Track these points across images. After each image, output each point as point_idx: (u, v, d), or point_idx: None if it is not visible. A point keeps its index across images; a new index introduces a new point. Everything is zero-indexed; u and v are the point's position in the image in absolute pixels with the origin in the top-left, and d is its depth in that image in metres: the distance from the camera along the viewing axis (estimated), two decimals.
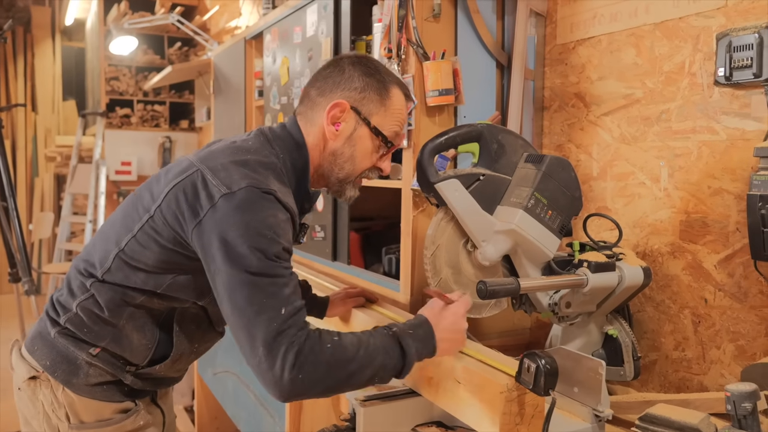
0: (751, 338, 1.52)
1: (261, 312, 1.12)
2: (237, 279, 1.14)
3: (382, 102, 1.37)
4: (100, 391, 1.35)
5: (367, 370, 1.17)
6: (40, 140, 7.72)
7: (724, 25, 1.55)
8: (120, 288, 1.31)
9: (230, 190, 1.18)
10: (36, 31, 7.75)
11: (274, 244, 1.16)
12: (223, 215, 1.17)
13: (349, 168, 1.40)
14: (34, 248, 7.23)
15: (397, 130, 1.41)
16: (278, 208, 1.20)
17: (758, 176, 1.40)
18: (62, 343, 1.34)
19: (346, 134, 1.37)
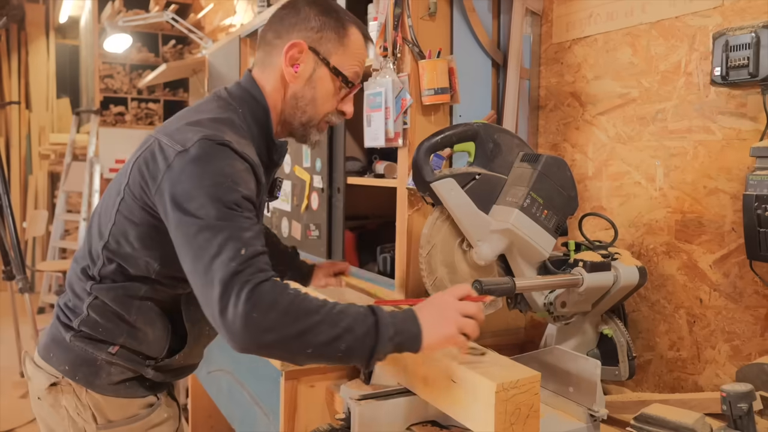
0: (746, 338, 1.52)
1: (219, 254, 1.07)
2: (195, 228, 1.10)
3: (340, 41, 1.33)
4: (124, 388, 1.34)
5: (331, 330, 1.06)
6: (34, 138, 7.69)
7: (720, 24, 1.55)
8: (119, 284, 1.30)
9: (184, 148, 1.16)
10: (30, 28, 7.72)
11: (231, 192, 1.13)
12: (178, 172, 1.15)
13: (312, 111, 1.36)
14: (28, 246, 7.20)
15: (357, 70, 1.37)
16: (234, 157, 1.17)
17: (754, 176, 1.40)
18: (79, 346, 1.32)
19: (305, 76, 1.33)
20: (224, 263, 1.06)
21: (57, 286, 6.14)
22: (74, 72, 7.80)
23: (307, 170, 2.44)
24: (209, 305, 1.07)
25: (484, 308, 1.59)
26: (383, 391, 1.48)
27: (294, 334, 1.05)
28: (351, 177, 2.24)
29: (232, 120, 1.27)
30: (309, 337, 1.05)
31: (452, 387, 1.29)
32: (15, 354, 4.00)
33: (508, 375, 1.22)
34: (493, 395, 1.17)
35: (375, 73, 1.93)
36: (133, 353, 1.33)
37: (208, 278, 1.07)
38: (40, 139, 7.69)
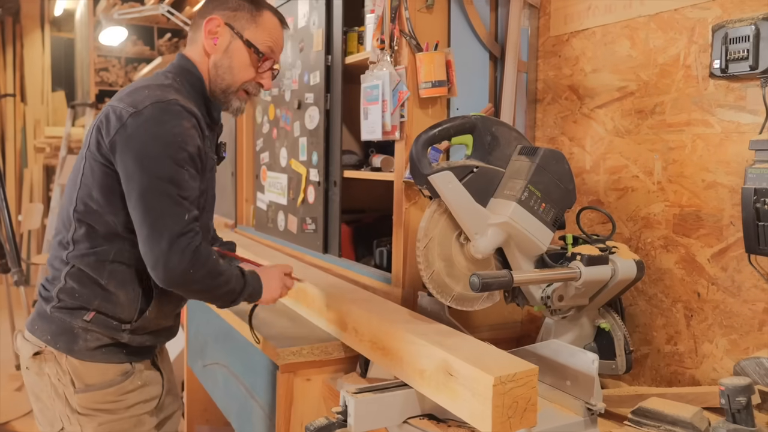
0: (744, 332, 1.52)
1: (167, 215, 1.33)
2: (148, 185, 1.33)
3: (253, 19, 1.53)
4: (100, 354, 1.47)
5: (225, 287, 1.44)
6: (29, 131, 7.65)
7: (719, 16, 1.54)
8: (91, 250, 1.45)
9: (136, 109, 1.36)
10: (25, 21, 7.67)
11: (180, 151, 1.35)
12: (132, 131, 1.35)
13: (229, 78, 1.54)
14: (23, 239, 7.17)
15: (271, 45, 1.56)
16: (183, 116, 1.37)
17: (753, 169, 1.39)
18: (58, 316, 1.46)
19: (222, 47, 1.53)
20: (172, 224, 1.33)
21: None
22: (69, 65, 7.76)
23: (304, 163, 2.43)
24: (153, 253, 1.34)
25: (481, 302, 1.59)
26: (380, 384, 1.47)
27: (209, 287, 1.42)
28: (347, 170, 2.23)
29: (173, 85, 1.47)
30: (214, 290, 1.44)
31: (449, 380, 1.29)
32: (10, 347, 3.98)
33: (506, 368, 1.21)
34: (491, 389, 1.17)
35: (372, 66, 1.92)
36: (108, 318, 1.46)
37: (156, 232, 1.33)
38: (36, 132, 7.65)
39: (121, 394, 1.49)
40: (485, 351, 1.34)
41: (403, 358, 1.46)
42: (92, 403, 1.47)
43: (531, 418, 1.23)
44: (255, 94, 1.59)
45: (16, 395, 3.79)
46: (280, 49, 1.60)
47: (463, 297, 1.57)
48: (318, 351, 1.76)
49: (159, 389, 1.59)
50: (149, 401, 1.55)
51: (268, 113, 2.83)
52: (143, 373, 1.54)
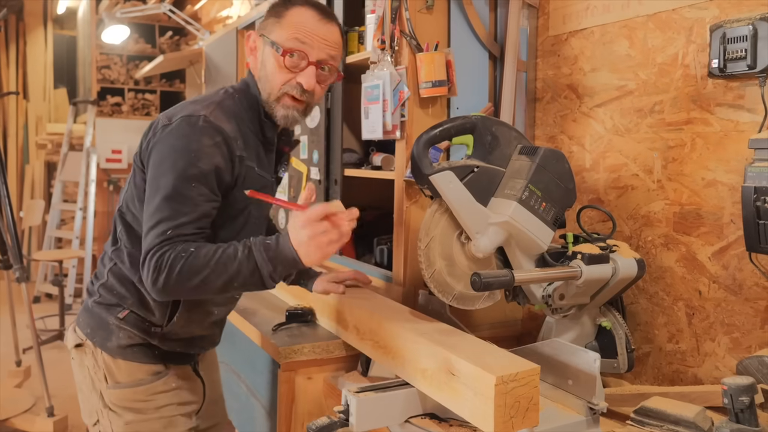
0: (746, 331, 1.53)
1: (154, 227, 1.30)
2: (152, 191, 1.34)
3: (278, 20, 1.46)
4: (131, 352, 1.49)
5: (222, 277, 1.28)
6: (31, 128, 7.66)
7: (717, 16, 1.54)
8: (129, 248, 1.47)
9: (168, 122, 1.37)
10: (28, 19, 7.67)
11: (191, 167, 1.31)
12: (157, 142, 1.37)
13: (268, 87, 1.48)
14: (24, 236, 7.19)
15: (297, 37, 1.43)
16: (206, 132, 1.34)
17: (753, 168, 1.39)
18: (97, 311, 1.51)
19: (260, 57, 1.49)
20: (152, 237, 1.30)
21: (53, 275, 6.14)
22: (71, 62, 7.76)
23: (304, 162, 2.43)
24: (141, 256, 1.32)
25: (482, 301, 1.60)
26: (382, 383, 1.48)
27: (193, 286, 1.28)
28: (348, 169, 2.24)
29: (222, 102, 1.44)
30: (206, 286, 1.29)
31: (451, 380, 1.29)
32: (11, 343, 4.00)
33: (508, 368, 1.21)
34: (493, 388, 1.17)
35: (373, 66, 1.93)
36: (140, 319, 1.48)
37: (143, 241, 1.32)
38: (37, 128, 7.66)
39: (151, 394, 1.50)
40: (487, 350, 1.34)
41: (405, 357, 1.46)
42: (121, 400, 1.49)
43: (533, 417, 1.23)
44: (299, 97, 1.47)
45: (16, 392, 3.80)
46: (315, 39, 1.44)
47: (464, 296, 1.58)
48: (319, 349, 1.77)
49: (197, 395, 1.58)
50: (184, 404, 1.55)
51: None
52: (180, 378, 1.54)
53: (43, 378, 3.34)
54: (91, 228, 6.06)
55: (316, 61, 1.45)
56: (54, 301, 5.88)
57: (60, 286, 4.88)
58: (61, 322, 4.89)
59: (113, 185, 6.29)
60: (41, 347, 3.58)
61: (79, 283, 6.02)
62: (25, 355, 4.17)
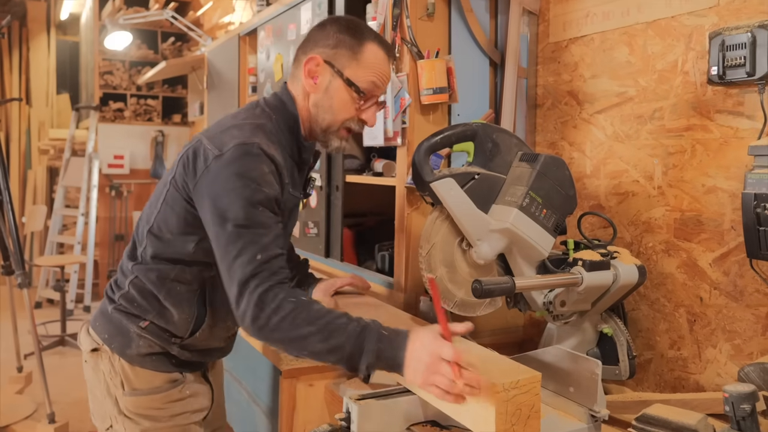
0: (747, 337, 1.53)
1: (239, 256, 1.26)
2: (221, 228, 1.30)
3: (354, 55, 1.45)
4: (150, 361, 1.49)
5: (323, 344, 1.21)
6: (34, 133, 7.68)
7: (716, 24, 1.55)
8: (156, 266, 1.46)
9: (221, 152, 1.33)
10: (31, 25, 7.70)
11: (257, 192, 1.30)
12: (214, 175, 1.33)
13: (330, 118, 1.47)
14: (26, 241, 7.20)
15: (374, 80, 1.46)
16: (262, 160, 1.33)
17: (753, 174, 1.40)
18: (117, 317, 1.50)
19: (323, 86, 1.46)
20: (242, 265, 1.25)
21: (54, 281, 6.14)
22: (74, 68, 7.79)
23: None
24: (230, 299, 1.28)
25: (483, 308, 1.60)
26: (383, 390, 1.48)
27: (292, 337, 1.22)
28: (349, 175, 2.24)
29: (264, 125, 1.43)
30: (304, 343, 1.22)
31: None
32: (12, 349, 3.99)
33: (509, 375, 1.21)
34: (494, 395, 1.17)
35: None
36: (161, 330, 1.49)
37: (229, 276, 1.28)
38: (40, 134, 7.68)
39: (167, 402, 1.51)
40: (488, 357, 1.35)
41: None
42: (138, 407, 1.49)
43: (534, 425, 1.22)
44: (358, 131, 1.52)
45: (17, 398, 3.79)
46: (385, 82, 1.49)
47: (465, 303, 1.58)
48: None
49: (207, 401, 1.60)
50: (197, 412, 1.56)
51: None
52: (193, 384, 1.56)
53: (44, 384, 3.34)
54: (92, 233, 6.07)
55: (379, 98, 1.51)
56: (55, 306, 5.88)
57: (62, 292, 4.88)
58: (62, 328, 4.89)
59: (115, 190, 6.30)
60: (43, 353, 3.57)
61: (80, 289, 6.03)
62: (27, 361, 4.17)
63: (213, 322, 1.52)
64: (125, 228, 6.42)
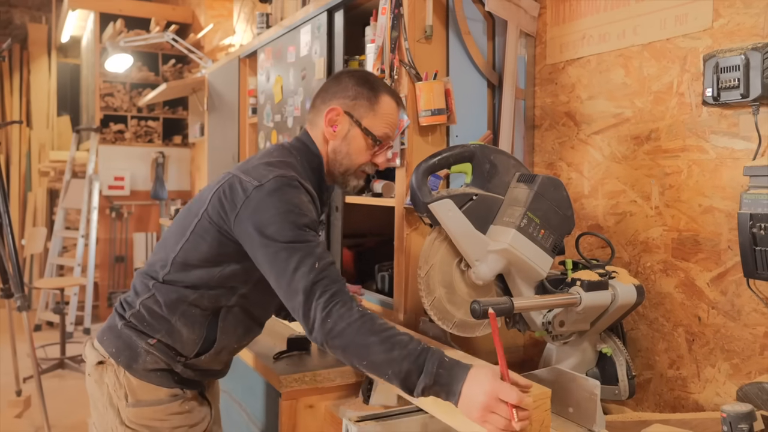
0: (745, 357, 1.53)
1: (298, 269, 1.33)
2: (274, 249, 1.37)
3: (371, 107, 1.57)
4: (155, 376, 1.56)
5: (384, 354, 1.23)
6: (34, 155, 7.71)
7: (710, 46, 1.57)
8: (176, 288, 1.53)
9: (260, 183, 1.42)
10: (32, 47, 7.76)
11: (301, 216, 1.39)
12: (256, 203, 1.41)
13: (347, 163, 1.60)
14: (26, 263, 7.20)
15: (387, 131, 1.60)
16: (301, 191, 1.43)
17: (748, 195, 1.41)
18: (126, 333, 1.56)
19: (342, 134, 1.58)
20: (304, 275, 1.33)
21: (54, 303, 6.12)
22: (75, 90, 7.84)
23: None
24: (296, 311, 1.34)
25: (482, 329, 1.60)
26: (383, 412, 1.48)
27: (356, 344, 1.27)
28: (349, 196, 2.25)
29: (293, 164, 1.55)
30: (365, 351, 1.26)
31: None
32: (11, 373, 3.98)
33: None
34: None
35: None
36: (168, 348, 1.55)
37: (292, 289, 1.34)
38: (40, 156, 7.70)
39: (168, 414, 1.57)
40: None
41: None
42: (140, 418, 1.56)
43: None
44: (370, 173, 1.67)
45: (17, 423, 3.77)
46: (395, 130, 1.64)
47: (464, 323, 1.58)
48: (321, 378, 1.77)
49: (206, 418, 1.66)
50: (194, 426, 1.62)
51: (270, 139, 2.86)
52: (192, 400, 1.62)
53: (43, 408, 3.32)
54: (93, 255, 6.07)
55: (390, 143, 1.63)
56: (55, 329, 5.86)
57: (61, 314, 4.86)
58: (62, 351, 4.87)
59: (116, 212, 6.31)
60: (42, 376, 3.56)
61: (80, 311, 6.01)
62: (26, 385, 4.14)
63: (220, 347, 1.59)
64: (125, 250, 6.41)
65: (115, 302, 1.67)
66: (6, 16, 7.87)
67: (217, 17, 5.71)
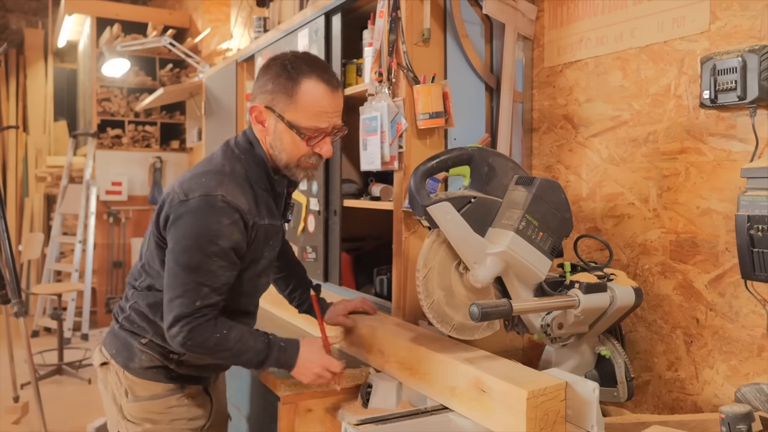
0: (743, 358, 1.53)
1: (181, 297, 1.47)
2: (175, 265, 1.48)
3: (290, 98, 1.51)
4: (152, 373, 1.65)
5: (235, 359, 1.56)
6: (31, 160, 7.69)
7: (707, 48, 1.57)
8: (152, 292, 1.61)
9: (186, 198, 1.48)
10: (29, 52, 7.76)
11: (212, 245, 1.45)
12: (177, 218, 1.48)
13: (285, 157, 1.57)
14: (23, 269, 7.17)
15: (315, 118, 1.52)
16: (224, 213, 1.46)
17: (745, 197, 1.41)
18: (123, 335, 1.67)
19: (271, 129, 1.56)
20: (181, 306, 1.47)
21: (52, 309, 6.10)
22: (72, 95, 7.84)
23: (304, 193, 2.45)
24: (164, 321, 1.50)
25: (481, 331, 1.60)
26: (381, 415, 1.48)
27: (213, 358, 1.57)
28: (347, 199, 2.25)
29: (234, 170, 1.55)
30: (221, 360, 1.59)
31: (482, 396, 1.36)
32: (9, 379, 3.96)
33: (537, 383, 1.29)
34: (525, 402, 1.25)
35: (370, 98, 1.96)
36: (159, 346, 1.63)
37: (169, 308, 1.49)
38: (37, 161, 7.69)
39: (167, 408, 1.66)
40: (513, 368, 1.42)
41: (433, 377, 1.53)
42: (140, 412, 1.65)
43: (560, 429, 1.30)
44: (316, 164, 1.61)
45: (14, 429, 3.76)
46: (332, 113, 1.55)
47: (463, 326, 1.58)
48: None
49: (206, 412, 1.73)
50: (194, 419, 1.70)
51: None
52: (192, 394, 1.70)
53: (41, 414, 3.31)
54: (90, 261, 6.05)
55: (330, 129, 1.56)
56: (53, 335, 5.84)
57: (59, 320, 4.85)
58: (59, 357, 4.85)
59: (113, 217, 6.30)
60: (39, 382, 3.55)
61: (78, 317, 5.99)
62: (23, 391, 4.13)
63: None
64: (123, 255, 6.40)
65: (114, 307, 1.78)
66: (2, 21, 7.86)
67: (215, 21, 5.71)
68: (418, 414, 1.51)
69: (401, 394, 1.69)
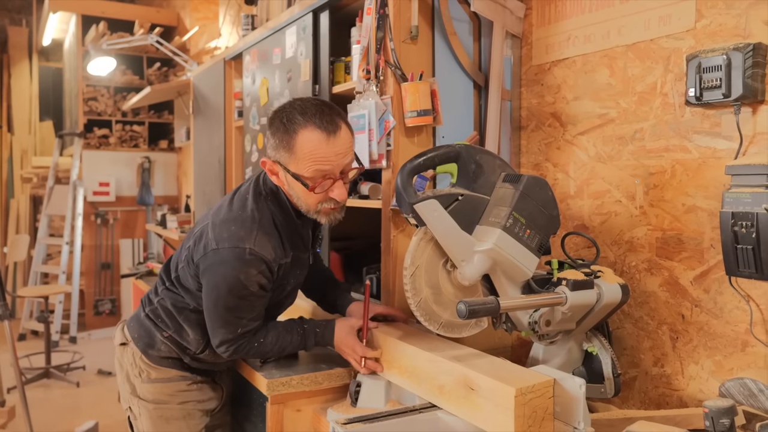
0: (727, 353, 1.54)
1: (224, 327, 1.65)
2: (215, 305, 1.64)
3: (290, 151, 1.55)
4: (167, 362, 1.83)
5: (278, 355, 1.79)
6: (16, 161, 7.63)
7: (693, 47, 1.58)
8: (179, 296, 1.76)
9: (217, 247, 1.59)
10: (13, 51, 7.69)
11: (243, 290, 1.59)
12: (209, 266, 1.61)
13: (303, 204, 1.63)
14: (8, 271, 7.11)
15: (317, 166, 1.54)
16: (252, 264, 1.57)
17: (730, 194, 1.42)
18: (147, 324, 1.83)
19: (285, 181, 1.62)
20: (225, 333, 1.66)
21: (38, 312, 6.05)
22: (57, 95, 7.77)
23: None
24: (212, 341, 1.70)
25: (469, 329, 1.60)
26: (370, 414, 1.48)
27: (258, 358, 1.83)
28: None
29: (262, 218, 1.63)
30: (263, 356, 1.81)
31: (470, 394, 1.36)
32: None
33: (525, 380, 1.29)
34: (513, 400, 1.24)
35: (358, 96, 1.95)
36: (177, 343, 1.80)
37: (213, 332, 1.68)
38: (22, 162, 7.63)
39: (176, 391, 1.83)
40: (501, 365, 1.41)
41: (421, 375, 1.52)
42: (152, 393, 1.82)
43: (548, 426, 1.29)
44: (337, 208, 1.64)
45: None
46: (333, 156, 1.54)
47: (451, 324, 1.58)
48: (308, 381, 1.76)
49: (216, 397, 1.91)
50: (203, 402, 1.87)
51: (256, 142, 2.85)
52: (202, 382, 1.87)
53: (27, 419, 3.28)
54: (78, 262, 6.00)
55: (340, 173, 1.58)
56: (40, 338, 5.79)
57: (46, 323, 4.80)
58: (47, 360, 4.80)
59: (101, 218, 6.25)
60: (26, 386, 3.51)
61: (66, 320, 5.93)
62: (10, 395, 4.09)
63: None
64: (111, 256, 6.35)
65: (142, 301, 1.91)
66: None
67: (203, 20, 5.69)
68: (407, 412, 1.51)
69: (390, 393, 1.69)
